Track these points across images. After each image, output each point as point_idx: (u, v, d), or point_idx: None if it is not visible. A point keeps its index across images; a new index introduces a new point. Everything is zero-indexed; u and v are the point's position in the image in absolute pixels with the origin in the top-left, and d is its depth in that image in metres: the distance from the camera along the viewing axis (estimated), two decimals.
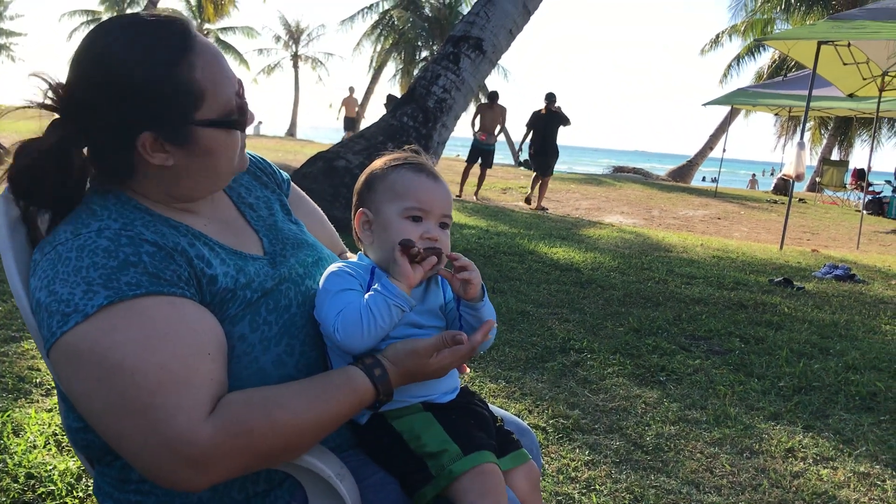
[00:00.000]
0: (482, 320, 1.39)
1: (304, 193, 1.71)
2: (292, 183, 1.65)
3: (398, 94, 18.98)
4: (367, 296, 1.30)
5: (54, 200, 1.22)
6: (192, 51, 1.19)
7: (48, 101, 1.20)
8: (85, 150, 1.23)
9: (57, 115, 1.21)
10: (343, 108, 25.82)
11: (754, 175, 35.34)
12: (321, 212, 1.75)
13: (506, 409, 2.73)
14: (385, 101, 16.01)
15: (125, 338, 1.08)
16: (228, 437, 1.09)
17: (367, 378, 1.24)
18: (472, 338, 1.32)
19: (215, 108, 1.22)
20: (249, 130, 1.40)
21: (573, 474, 2.66)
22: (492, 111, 13.15)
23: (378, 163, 1.45)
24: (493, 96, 13.27)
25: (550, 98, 12.77)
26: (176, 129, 1.20)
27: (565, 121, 12.80)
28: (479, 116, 13.15)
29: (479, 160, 13.20)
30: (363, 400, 1.24)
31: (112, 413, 1.09)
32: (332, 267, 1.38)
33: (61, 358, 1.10)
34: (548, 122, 12.67)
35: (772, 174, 50.43)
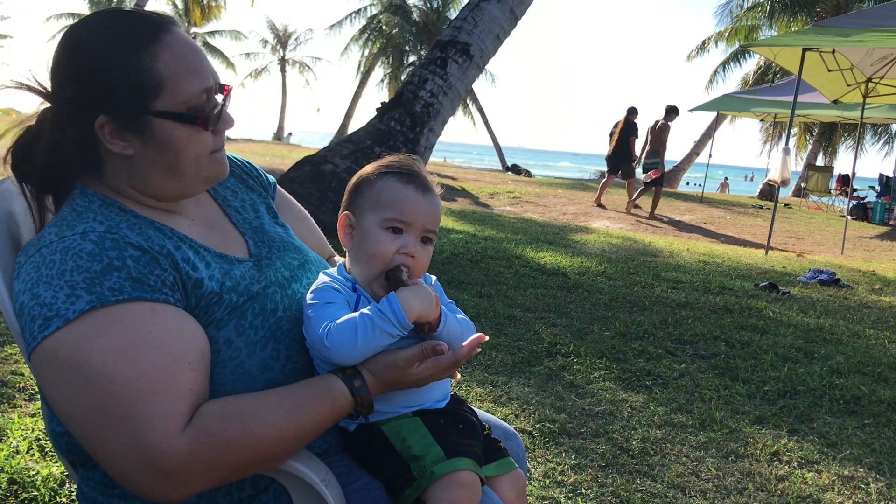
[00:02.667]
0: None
1: (290, 197, 1.70)
2: (278, 186, 1.65)
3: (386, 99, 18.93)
4: (367, 311, 1.25)
5: (52, 182, 1.27)
6: (158, 42, 1.20)
7: (35, 85, 1.25)
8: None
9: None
10: None
11: (726, 178, 35.80)
12: (309, 215, 1.74)
13: (492, 414, 2.74)
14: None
15: (105, 344, 1.07)
16: (204, 449, 1.08)
17: (346, 388, 1.23)
18: (457, 351, 1.30)
19: (177, 101, 1.21)
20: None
21: (559, 478, 2.66)
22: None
23: (371, 167, 1.41)
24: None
25: (631, 111, 13.67)
26: (131, 117, 1.20)
27: (633, 132, 13.59)
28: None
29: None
30: (342, 410, 1.23)
31: (90, 419, 1.08)
32: (316, 284, 1.36)
33: (42, 362, 1.09)
34: (622, 131, 13.60)
35: (751, 179, 50.73)
